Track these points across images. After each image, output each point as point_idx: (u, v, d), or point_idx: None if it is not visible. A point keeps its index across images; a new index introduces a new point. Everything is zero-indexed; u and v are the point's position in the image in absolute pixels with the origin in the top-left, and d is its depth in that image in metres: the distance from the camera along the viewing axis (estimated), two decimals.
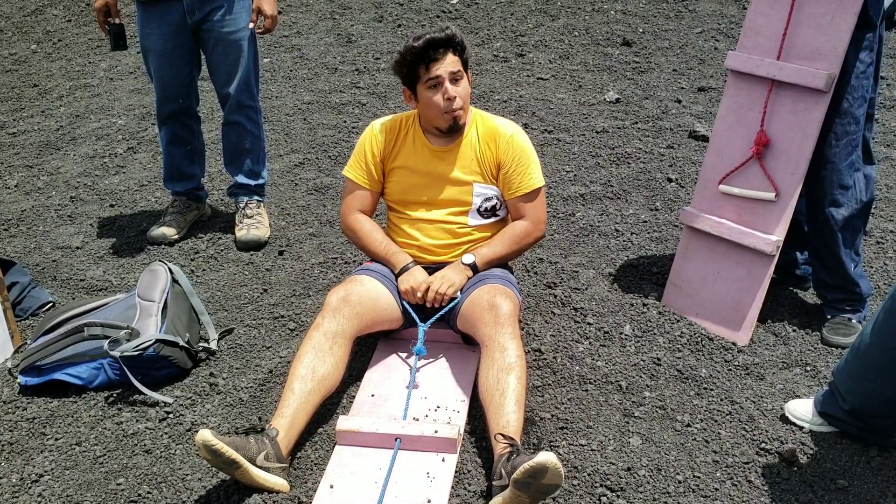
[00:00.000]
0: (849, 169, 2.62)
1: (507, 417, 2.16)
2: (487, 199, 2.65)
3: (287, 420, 2.20)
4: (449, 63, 2.49)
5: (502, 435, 2.10)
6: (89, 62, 5.88)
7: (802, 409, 2.36)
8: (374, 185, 2.70)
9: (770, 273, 2.69)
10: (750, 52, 2.65)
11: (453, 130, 2.59)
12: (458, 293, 2.56)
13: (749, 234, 2.69)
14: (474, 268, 2.60)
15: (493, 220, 2.69)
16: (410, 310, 2.58)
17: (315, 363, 2.31)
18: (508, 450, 2.05)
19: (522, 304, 2.79)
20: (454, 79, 2.51)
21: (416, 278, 2.57)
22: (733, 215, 2.76)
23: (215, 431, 2.02)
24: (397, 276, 2.61)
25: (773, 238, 2.65)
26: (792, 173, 2.61)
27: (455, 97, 2.50)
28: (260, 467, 2.07)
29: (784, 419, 2.40)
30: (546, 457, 1.89)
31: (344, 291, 2.48)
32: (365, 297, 2.50)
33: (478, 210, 2.66)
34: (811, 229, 2.79)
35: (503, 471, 2.01)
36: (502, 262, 2.70)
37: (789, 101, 2.59)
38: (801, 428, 2.36)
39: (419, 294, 2.54)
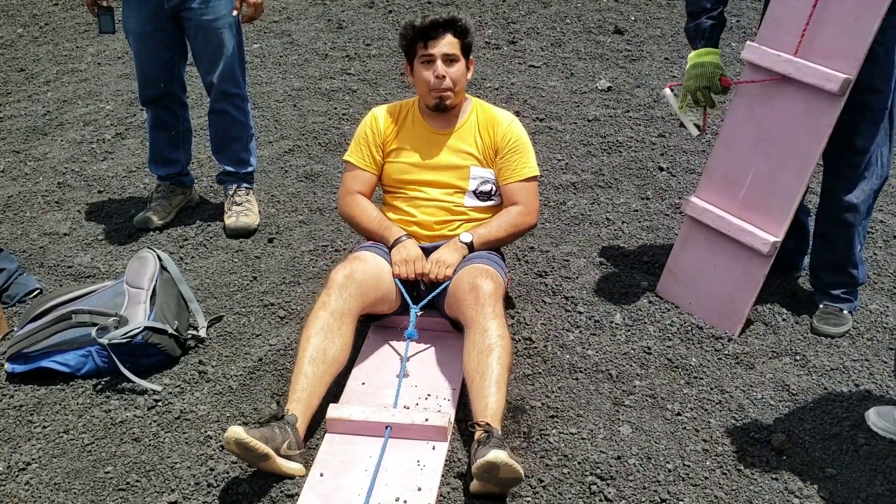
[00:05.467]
0: (878, 146, 2.58)
1: (485, 401, 2.18)
2: (484, 182, 2.68)
3: (303, 405, 2.22)
4: (446, 44, 2.55)
5: (477, 423, 2.13)
6: (77, 47, 5.81)
7: (884, 424, 2.30)
8: (374, 168, 2.73)
9: (765, 273, 2.64)
10: (769, 45, 2.55)
11: (440, 109, 2.63)
12: (453, 273, 2.55)
13: (748, 233, 2.63)
14: (471, 247, 2.60)
15: (488, 203, 2.71)
16: (403, 290, 2.57)
17: (325, 344, 2.31)
18: (483, 436, 2.07)
19: (508, 284, 2.78)
20: (448, 60, 2.56)
21: (408, 251, 2.57)
22: (735, 209, 2.69)
23: (245, 427, 2.02)
24: (390, 248, 2.60)
25: (770, 238, 2.59)
26: (797, 175, 2.54)
27: (444, 76, 2.55)
28: (283, 456, 2.10)
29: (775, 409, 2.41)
30: (495, 455, 1.92)
31: (349, 269, 2.47)
32: (369, 275, 2.49)
33: (474, 192, 2.68)
34: (824, 205, 2.75)
35: (472, 459, 2.04)
36: (496, 246, 2.70)
37: (802, 101, 2.49)
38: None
39: (412, 266, 2.54)
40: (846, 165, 2.64)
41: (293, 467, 2.13)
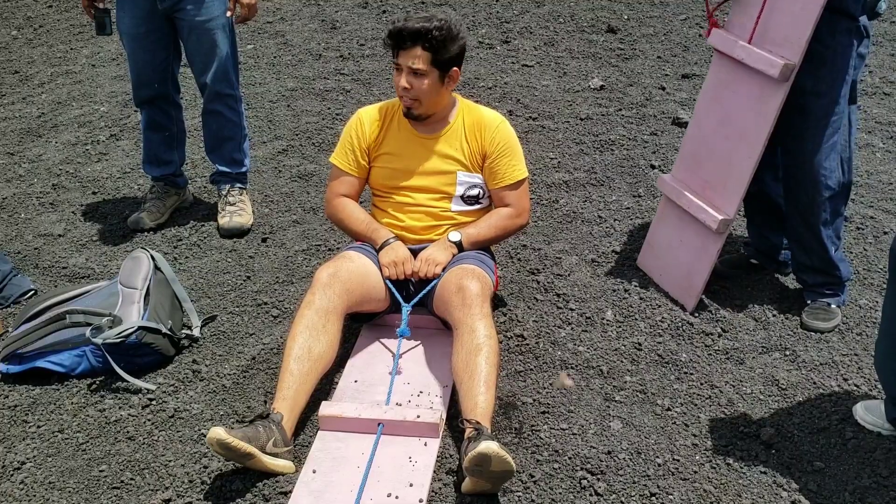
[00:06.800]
0: (831, 150, 2.61)
1: (475, 400, 2.19)
2: (471, 188, 2.67)
3: (289, 402, 2.23)
4: (413, 57, 2.47)
5: (467, 420, 2.14)
6: (71, 48, 5.82)
7: (871, 418, 2.33)
8: (359, 172, 2.72)
9: (718, 249, 2.76)
10: (732, 32, 2.67)
11: (408, 117, 2.62)
12: (443, 271, 2.57)
13: (702, 210, 2.75)
14: (460, 246, 2.61)
15: (476, 207, 2.71)
16: (394, 289, 2.58)
17: (310, 343, 2.32)
18: (473, 433, 2.08)
19: (498, 283, 2.79)
20: (413, 73, 2.49)
21: (397, 252, 2.58)
22: (699, 187, 2.82)
23: (226, 427, 2.04)
24: (379, 250, 2.62)
25: (719, 217, 2.69)
26: (748, 157, 2.64)
27: (408, 88, 2.50)
28: (269, 454, 2.11)
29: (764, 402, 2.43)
30: (486, 446, 1.93)
31: (333, 268, 2.48)
32: (354, 274, 2.50)
33: (461, 197, 2.68)
34: (791, 211, 2.79)
35: (463, 455, 2.05)
36: (485, 246, 2.71)
37: (756, 86, 2.60)
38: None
39: (401, 268, 2.55)
40: (800, 171, 2.67)
41: (281, 464, 2.15)
